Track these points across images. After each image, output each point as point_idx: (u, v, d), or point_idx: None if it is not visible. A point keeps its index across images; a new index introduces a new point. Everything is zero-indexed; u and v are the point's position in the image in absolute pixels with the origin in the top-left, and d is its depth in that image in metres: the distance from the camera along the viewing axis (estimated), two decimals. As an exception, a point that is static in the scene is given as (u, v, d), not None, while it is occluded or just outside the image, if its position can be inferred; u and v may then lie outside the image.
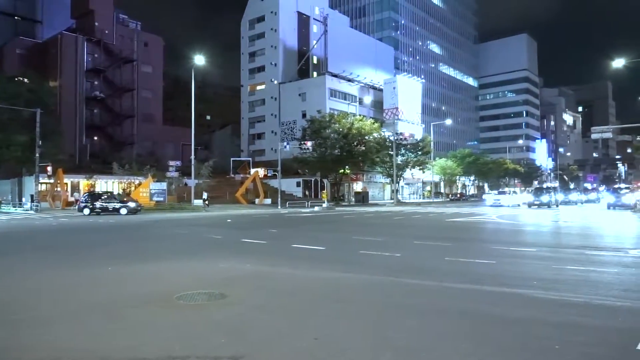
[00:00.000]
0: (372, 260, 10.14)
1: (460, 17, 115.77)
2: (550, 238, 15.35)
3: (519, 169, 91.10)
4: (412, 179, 70.79)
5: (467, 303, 6.14)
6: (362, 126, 52.34)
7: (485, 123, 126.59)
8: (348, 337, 4.74)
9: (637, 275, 8.03)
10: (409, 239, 14.69)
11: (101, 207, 30.37)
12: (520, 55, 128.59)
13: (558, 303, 6.05)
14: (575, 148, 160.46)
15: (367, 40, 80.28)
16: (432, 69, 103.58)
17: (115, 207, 30.46)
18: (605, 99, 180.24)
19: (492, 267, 9.02)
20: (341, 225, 21.41)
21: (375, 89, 76.32)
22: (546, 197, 40.72)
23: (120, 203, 31.04)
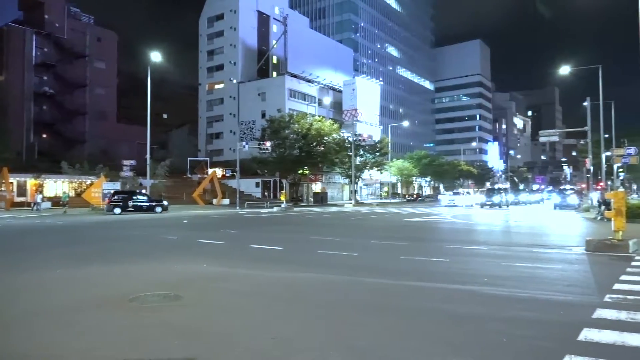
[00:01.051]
0: (330, 259, 10.22)
1: (417, 22, 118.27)
2: (500, 237, 15.94)
3: (473, 170, 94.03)
4: (370, 180, 71.67)
5: (421, 300, 6.29)
6: (321, 127, 52.56)
7: (441, 125, 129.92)
8: (305, 336, 4.77)
9: (579, 271, 8.47)
10: (366, 238, 14.89)
11: (134, 206, 31.23)
12: (474, 60, 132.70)
13: (507, 299, 6.30)
14: (525, 151, 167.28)
15: (326, 42, 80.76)
16: (390, 71, 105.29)
17: (150, 206, 31.73)
18: (552, 104, 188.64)
19: (445, 265, 9.28)
20: (300, 225, 21.43)
21: (334, 90, 76.83)
22: (497, 198, 42.24)
23: (155, 202, 32.45)
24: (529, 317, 5.34)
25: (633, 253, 10.30)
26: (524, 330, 4.81)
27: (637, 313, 5.31)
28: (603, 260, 9.57)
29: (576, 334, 4.58)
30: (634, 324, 4.92)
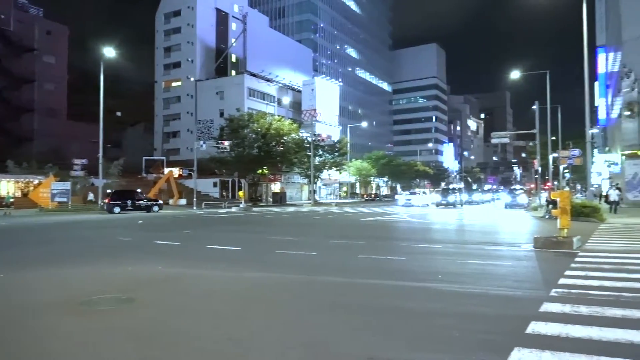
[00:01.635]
0: (288, 259, 10.22)
1: (376, 24, 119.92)
2: (454, 235, 16.40)
3: (429, 170, 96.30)
4: (329, 180, 72.06)
5: (378, 298, 6.40)
6: (280, 126, 52.41)
7: (399, 127, 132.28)
8: (262, 335, 4.75)
9: (528, 267, 8.83)
10: (325, 238, 14.97)
11: (132, 205, 32.54)
12: (430, 63, 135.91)
13: (460, 294, 6.50)
14: (478, 152, 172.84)
15: (286, 41, 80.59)
16: (349, 72, 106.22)
17: (148, 205, 33.45)
18: (504, 107, 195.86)
19: (402, 263, 9.46)
20: (258, 225, 21.30)
21: (294, 90, 76.76)
22: (452, 197, 43.45)
23: (152, 201, 34.57)
24: (481, 312, 5.53)
25: (577, 249, 10.83)
26: (476, 325, 4.97)
27: (580, 306, 5.59)
28: (549, 257, 10.01)
29: (524, 327, 4.78)
30: (577, 317, 5.18)
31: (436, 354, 4.12)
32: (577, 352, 3.98)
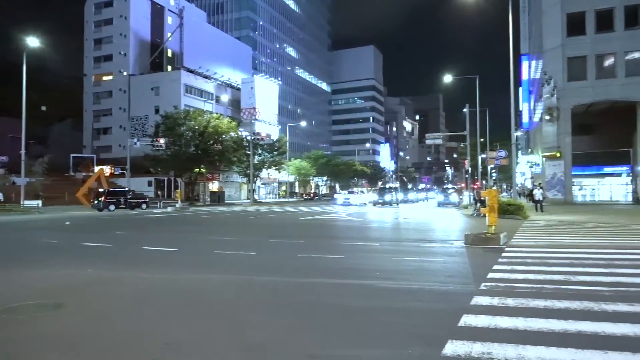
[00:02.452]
0: (228, 259, 10.06)
1: (315, 25, 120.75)
2: (391, 233, 16.87)
3: (367, 170, 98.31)
4: (268, 179, 71.67)
5: (318, 296, 6.45)
6: (218, 124, 51.43)
7: (337, 127, 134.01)
8: (200, 338, 4.64)
9: (459, 263, 9.25)
10: (264, 237, 14.88)
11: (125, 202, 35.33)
12: (368, 65, 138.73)
13: (397, 291, 6.69)
14: (413, 152, 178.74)
15: (225, 38, 79.14)
16: (289, 71, 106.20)
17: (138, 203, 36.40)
18: (437, 109, 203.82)
19: (341, 262, 9.60)
20: (196, 225, 20.79)
21: (233, 87, 75.61)
22: (389, 196, 44.64)
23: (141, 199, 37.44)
24: (417, 307, 5.73)
25: (503, 245, 11.49)
26: (412, 320, 5.15)
27: (507, 298, 5.94)
28: (479, 253, 10.55)
29: (457, 320, 5.01)
30: (504, 308, 5.50)
31: (375, 349, 4.23)
32: (504, 342, 4.23)
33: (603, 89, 36.87)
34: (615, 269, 7.97)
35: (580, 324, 4.78)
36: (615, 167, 39.20)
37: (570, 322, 4.82)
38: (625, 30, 36.43)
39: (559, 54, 38.10)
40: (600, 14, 37.02)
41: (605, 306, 5.49)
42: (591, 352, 3.95)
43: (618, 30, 36.59)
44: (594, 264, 8.57)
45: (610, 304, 5.60)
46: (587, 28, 37.31)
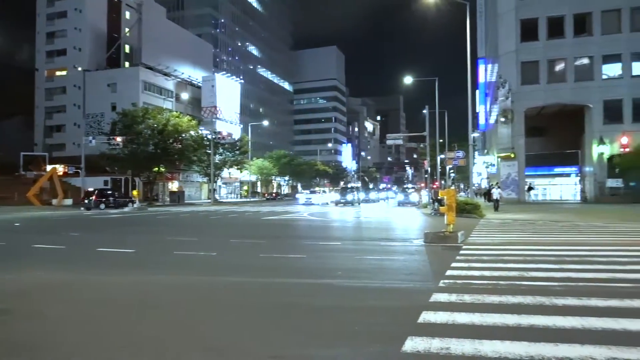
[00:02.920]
0: (188, 260, 9.89)
1: (278, 24, 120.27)
2: (353, 232, 17.03)
3: (329, 170, 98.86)
4: (229, 179, 70.88)
5: (280, 296, 6.43)
6: (178, 123, 50.39)
7: (299, 126, 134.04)
8: (159, 342, 4.54)
9: (419, 261, 9.44)
10: (225, 237, 14.71)
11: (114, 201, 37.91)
12: (330, 65, 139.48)
13: (358, 289, 6.76)
14: (374, 152, 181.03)
15: (185, 35, 77.54)
16: (251, 70, 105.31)
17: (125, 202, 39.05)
18: (397, 110, 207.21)
19: (303, 261, 9.61)
20: (154, 226, 20.31)
21: (193, 85, 74.25)
22: (350, 196, 45.04)
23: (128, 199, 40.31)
24: (377, 305, 5.81)
25: (461, 243, 11.81)
26: (373, 318, 5.21)
27: (464, 295, 6.10)
28: (438, 250, 10.80)
29: (416, 317, 5.10)
30: (462, 305, 5.66)
31: (337, 348, 4.25)
32: (462, 338, 4.34)
33: (554, 93, 38.53)
34: (565, 265, 8.34)
35: (532, 318, 4.97)
36: (565, 168, 41.05)
37: (523, 317, 5.00)
38: (574, 37, 38.20)
39: (513, 58, 39.51)
40: (551, 21, 38.66)
41: (555, 300, 5.74)
42: (543, 345, 4.11)
43: (568, 37, 38.32)
44: (546, 260, 8.94)
45: (561, 298, 5.85)
46: (540, 34, 38.89)
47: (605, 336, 4.37)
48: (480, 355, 3.93)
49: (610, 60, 37.87)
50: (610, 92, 37.38)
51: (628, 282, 6.87)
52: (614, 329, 4.60)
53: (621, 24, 37.31)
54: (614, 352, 3.92)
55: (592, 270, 7.88)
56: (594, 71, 38.00)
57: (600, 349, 3.98)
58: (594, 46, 37.68)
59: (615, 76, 37.85)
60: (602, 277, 7.28)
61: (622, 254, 9.65)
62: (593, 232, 14.53)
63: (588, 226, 16.72)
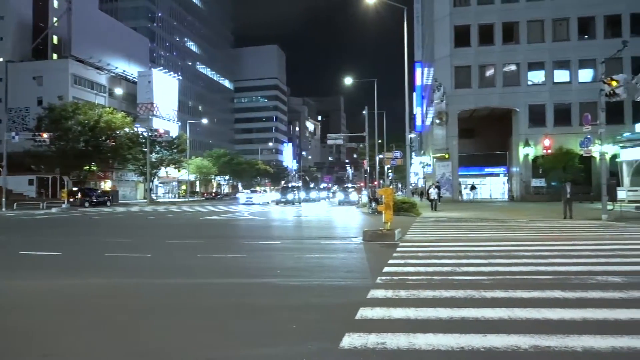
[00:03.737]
0: (120, 262, 9.47)
1: (218, 20, 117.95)
2: (293, 231, 17.03)
3: (269, 169, 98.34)
4: (167, 178, 68.71)
5: (218, 297, 6.30)
6: (112, 119, 48.06)
7: (240, 125, 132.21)
8: (86, 349, 4.30)
9: (357, 258, 9.59)
10: (161, 238, 14.23)
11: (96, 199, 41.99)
12: (271, 64, 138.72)
13: (297, 288, 6.76)
14: (315, 152, 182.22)
15: (120, 27, 74.11)
16: (189, 67, 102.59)
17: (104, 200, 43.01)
18: (338, 111, 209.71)
19: (242, 261, 9.49)
20: (85, 227, 19.28)
21: (128, 80, 71.22)
22: (291, 195, 45.08)
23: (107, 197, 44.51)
24: (316, 303, 5.84)
25: (398, 240, 12.14)
26: (312, 315, 5.23)
27: (400, 291, 6.27)
28: (376, 248, 11.03)
29: (354, 313, 5.18)
30: (398, 300, 5.81)
31: (275, 347, 4.23)
32: (397, 332, 4.45)
33: (484, 97, 40.54)
34: (493, 260, 8.79)
35: (463, 310, 5.19)
36: (494, 168, 43.31)
37: (455, 310, 5.22)
38: (502, 44, 40.39)
39: (447, 62, 41.16)
40: (482, 29, 40.65)
41: (485, 293, 6.03)
42: (472, 336, 4.30)
43: (497, 44, 40.47)
44: (476, 255, 9.38)
45: (489, 291, 6.16)
46: (472, 40, 40.78)
47: (529, 325, 4.65)
48: (415, 349, 4.05)
49: (534, 68, 40.37)
50: (535, 98, 39.87)
51: (549, 274, 7.35)
52: (537, 318, 4.90)
53: (544, 33, 39.89)
54: (536, 340, 4.18)
55: (518, 264, 8.37)
56: (520, 77, 40.35)
57: (524, 338, 4.23)
58: (520, 54, 40.03)
59: (539, 82, 40.39)
60: (526, 270, 7.74)
61: (544, 249, 10.32)
62: (519, 229, 15.43)
63: (515, 223, 17.74)
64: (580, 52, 38.91)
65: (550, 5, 39.65)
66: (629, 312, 5.06)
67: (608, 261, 8.53)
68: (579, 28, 39.51)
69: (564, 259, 8.89)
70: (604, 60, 20.66)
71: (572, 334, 4.31)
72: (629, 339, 4.16)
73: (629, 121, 37.63)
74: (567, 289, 6.18)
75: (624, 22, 38.54)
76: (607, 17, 38.98)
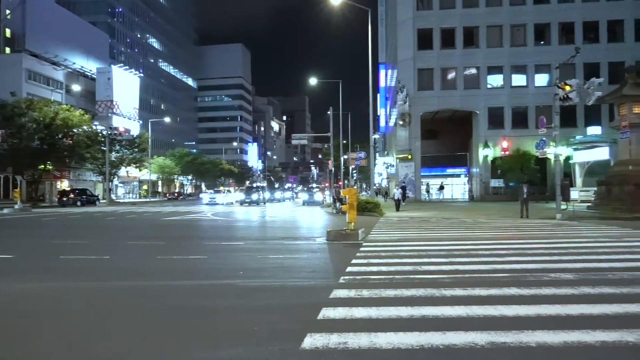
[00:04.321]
0: (76, 265, 9.14)
1: (181, 17, 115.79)
2: (257, 232, 16.91)
3: (234, 169, 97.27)
4: (127, 178, 66.91)
5: (177, 299, 6.17)
6: (69, 117, 46.34)
7: (204, 124, 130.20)
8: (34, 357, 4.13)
9: (321, 258, 9.61)
10: (120, 240, 13.83)
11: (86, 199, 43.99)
12: (236, 63, 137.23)
13: (260, 289, 6.70)
14: (280, 152, 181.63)
15: (78, 22, 71.53)
16: (152, 64, 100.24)
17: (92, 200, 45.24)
18: (303, 111, 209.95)
19: (204, 262, 9.34)
20: (39, 229, 18.52)
21: (87, 77, 68.86)
22: (256, 196, 44.79)
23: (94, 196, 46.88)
24: (278, 304, 5.80)
25: (361, 240, 12.24)
26: (273, 317, 5.19)
27: (362, 290, 6.31)
28: (339, 248, 11.08)
29: (317, 314, 5.18)
30: (360, 299, 5.85)
31: (236, 349, 4.17)
32: (359, 332, 4.48)
33: (446, 99, 41.48)
34: (453, 259, 8.99)
35: (424, 309, 5.27)
36: (455, 169, 44.38)
37: (416, 308, 5.29)
38: (463, 48, 41.42)
39: (410, 65, 41.87)
40: (444, 32, 41.58)
41: (444, 292, 6.15)
42: (432, 334, 4.38)
43: (458, 48, 41.48)
44: (437, 254, 9.56)
45: (449, 289, 6.29)
46: (434, 44, 41.64)
47: (486, 322, 4.77)
48: (376, 348, 4.08)
49: (493, 72, 41.62)
50: (494, 100, 41.09)
51: (506, 272, 7.57)
52: (494, 315, 5.04)
53: (503, 39, 41.16)
54: (493, 336, 4.29)
55: (476, 262, 8.58)
56: (480, 80, 41.50)
57: (481, 335, 4.33)
58: (480, 58, 41.16)
59: (498, 86, 41.66)
60: (485, 268, 7.95)
61: (501, 247, 10.63)
62: (478, 228, 15.85)
63: (474, 222, 18.22)
64: (536, 57, 40.37)
65: (508, 11, 40.96)
66: (580, 308, 5.27)
67: (561, 259, 8.87)
68: (535, 34, 41.01)
69: (520, 257, 9.18)
70: (558, 65, 21.51)
71: (527, 330, 4.45)
72: (579, 334, 4.33)
73: (581, 124, 39.33)
74: (522, 286, 6.39)
75: (577, 29, 40.27)
76: (562, 24, 40.62)
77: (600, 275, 7.21)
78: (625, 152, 21.83)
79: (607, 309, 5.22)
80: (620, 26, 40.06)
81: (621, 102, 22.49)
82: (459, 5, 41.39)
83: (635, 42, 39.13)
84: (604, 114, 38.70)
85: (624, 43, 39.70)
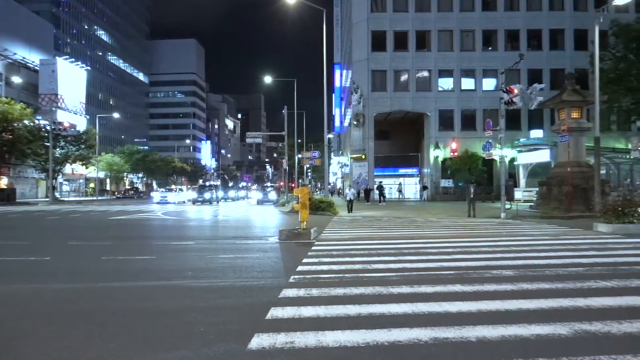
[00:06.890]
0: (12, 266, 8.67)
1: (131, 9, 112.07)
2: (208, 231, 16.62)
3: (186, 167, 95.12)
4: (73, 175, 64.13)
5: (122, 301, 5.98)
6: (9, 110, 43.83)
7: (155, 121, 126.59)
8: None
9: (272, 258, 9.57)
10: (62, 240, 13.23)
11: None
12: (189, 59, 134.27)
13: (208, 289, 6.59)
14: (234, 150, 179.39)
15: (19, 10, 67.75)
16: (100, 57, 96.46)
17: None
18: (258, 109, 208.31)
19: (151, 263, 9.09)
20: (-28, 229, 17.42)
21: (29, 69, 65.40)
22: (209, 194, 44.01)
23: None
24: (226, 304, 5.73)
25: (314, 239, 12.29)
26: (220, 317, 5.12)
27: (312, 289, 6.34)
28: (291, 247, 11.08)
29: (265, 313, 5.16)
30: (309, 298, 5.87)
31: (181, 350, 4.08)
32: (306, 330, 4.50)
33: (399, 101, 42.30)
34: (402, 257, 9.18)
35: (371, 307, 5.36)
36: (407, 169, 45.35)
37: (363, 306, 5.37)
38: (416, 51, 42.37)
39: (365, 66, 42.40)
40: (398, 35, 42.36)
41: (392, 289, 6.27)
42: (378, 332, 4.46)
43: (411, 51, 42.39)
44: (387, 253, 9.74)
45: (396, 287, 6.42)
46: (388, 46, 42.35)
47: (430, 319, 4.91)
48: (322, 346, 4.11)
49: (444, 75, 42.82)
50: (444, 103, 42.29)
51: (452, 269, 7.82)
52: (438, 311, 5.19)
53: (453, 43, 42.43)
54: (436, 332, 4.42)
55: (424, 260, 8.81)
56: (431, 83, 42.59)
57: (425, 331, 4.45)
58: (432, 61, 42.25)
59: (448, 89, 42.90)
60: (432, 266, 8.18)
61: (448, 246, 10.96)
62: (427, 227, 16.28)
63: (424, 221, 18.69)
64: (484, 62, 41.88)
65: (458, 17, 42.25)
66: (518, 303, 5.51)
67: (503, 256, 9.25)
68: (483, 40, 42.52)
69: (465, 255, 9.51)
70: (504, 70, 22.40)
71: (468, 325, 4.62)
72: (516, 328, 4.54)
73: (525, 128, 41.18)
74: (466, 283, 6.62)
75: (521, 36, 42.10)
76: (508, 31, 42.33)
77: (538, 271, 7.58)
78: (564, 154, 23.03)
79: (542, 303, 5.49)
80: (562, 35, 42.21)
81: (561, 107, 23.71)
82: (412, 9, 42.29)
83: (575, 50, 41.32)
84: (546, 118, 40.70)
85: (564, 51, 41.86)
